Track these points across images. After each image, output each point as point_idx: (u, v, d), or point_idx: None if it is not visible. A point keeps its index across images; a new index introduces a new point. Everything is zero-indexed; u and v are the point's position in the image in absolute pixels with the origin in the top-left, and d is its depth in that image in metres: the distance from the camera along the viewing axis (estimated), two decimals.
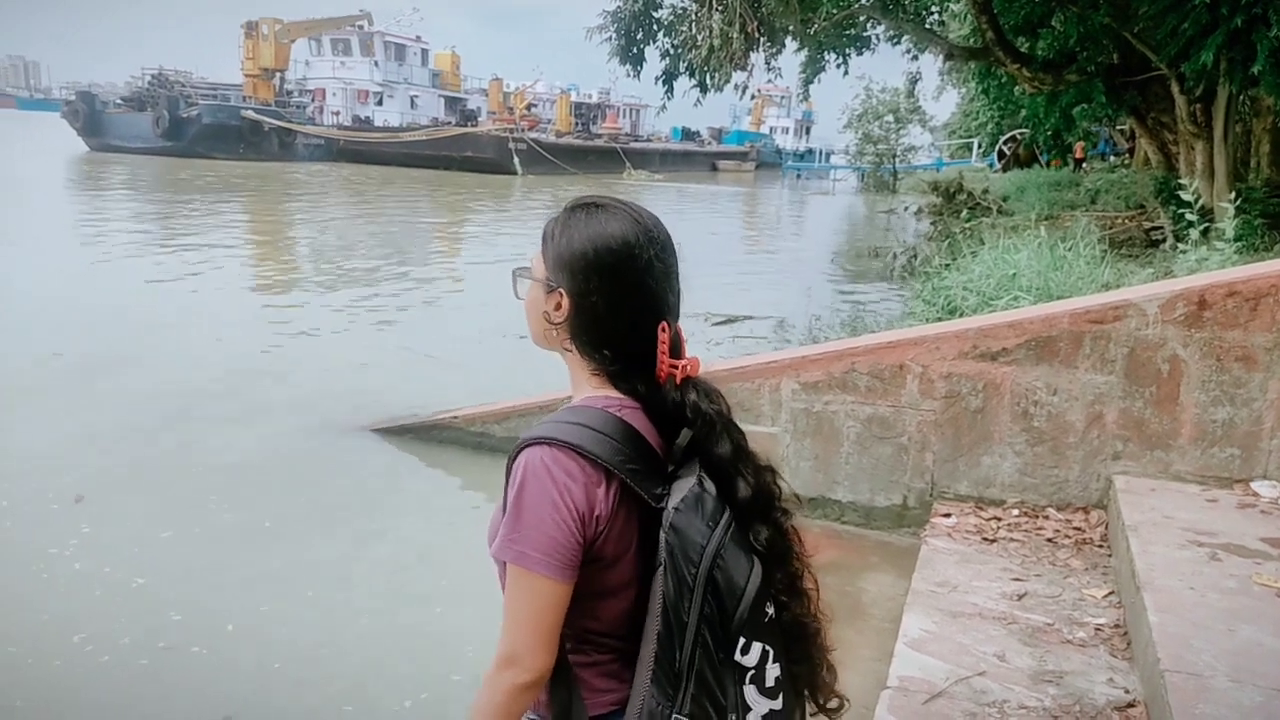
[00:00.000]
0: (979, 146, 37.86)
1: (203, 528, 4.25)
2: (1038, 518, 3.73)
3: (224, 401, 6.16)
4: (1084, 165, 25.74)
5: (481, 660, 1.16)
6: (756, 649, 1.12)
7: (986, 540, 3.55)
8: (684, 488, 1.13)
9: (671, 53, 13.66)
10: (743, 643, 1.11)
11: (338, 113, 45.64)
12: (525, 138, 40.42)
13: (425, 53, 49.67)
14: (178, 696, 3.02)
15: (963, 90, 33.02)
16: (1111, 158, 27.93)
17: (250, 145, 37.78)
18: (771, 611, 1.16)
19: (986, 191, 18.77)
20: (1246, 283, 3.47)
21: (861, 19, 14.68)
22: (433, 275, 12.65)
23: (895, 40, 16.21)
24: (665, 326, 1.17)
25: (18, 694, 2.99)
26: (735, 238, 21.20)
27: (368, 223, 19.34)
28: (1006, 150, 29.60)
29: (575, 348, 1.20)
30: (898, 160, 37.47)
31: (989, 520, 3.72)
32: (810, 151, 65.95)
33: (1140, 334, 3.59)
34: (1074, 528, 3.62)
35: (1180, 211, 7.90)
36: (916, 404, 3.92)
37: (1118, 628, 2.86)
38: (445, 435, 5.32)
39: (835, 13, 13.31)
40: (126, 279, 10.62)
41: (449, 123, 44.78)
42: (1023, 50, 13.46)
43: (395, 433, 5.50)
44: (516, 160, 38.71)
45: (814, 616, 1.24)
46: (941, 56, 16.45)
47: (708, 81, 13.26)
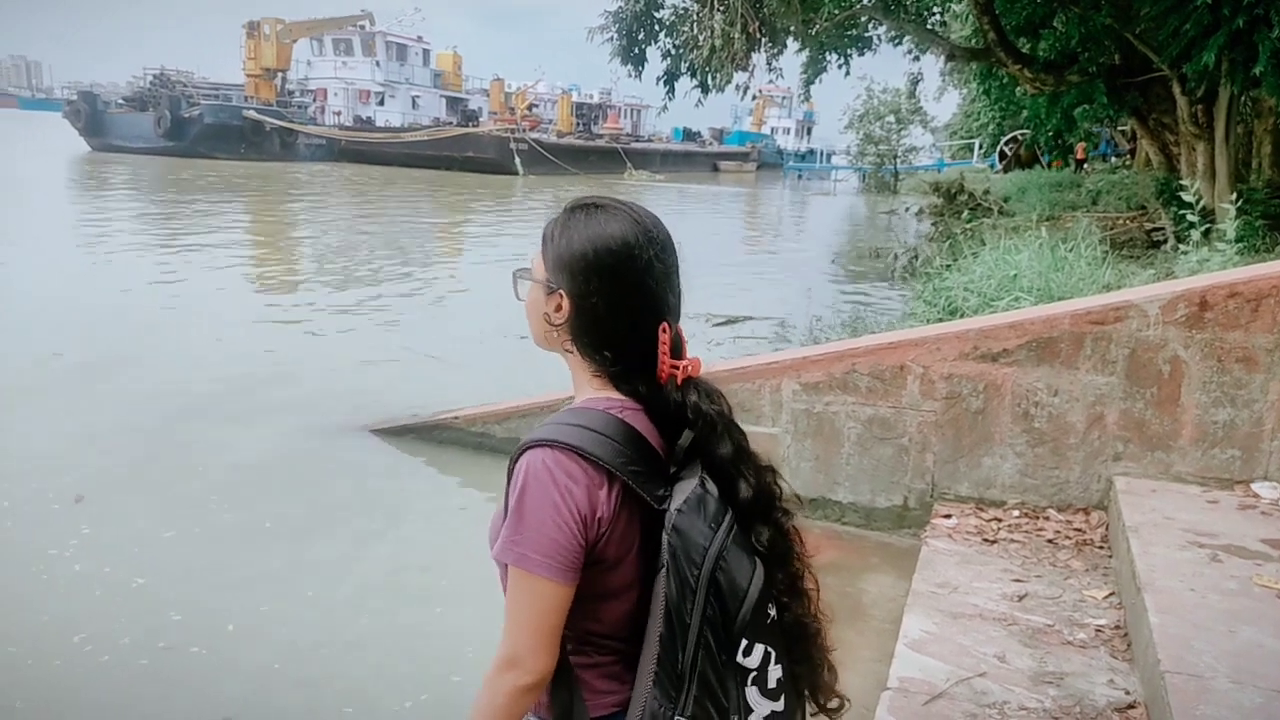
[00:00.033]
0: (980, 147, 37.88)
1: (203, 528, 4.25)
2: (1038, 519, 3.72)
3: (224, 401, 6.16)
4: (1085, 166, 25.78)
5: (482, 661, 1.16)
6: (759, 651, 1.12)
7: (987, 541, 3.55)
8: (686, 489, 1.13)
9: (673, 53, 13.65)
10: (745, 644, 1.11)
11: (339, 113, 45.63)
12: (526, 138, 40.41)
13: (427, 53, 49.66)
14: (178, 696, 3.02)
15: (964, 91, 33.00)
16: (1113, 159, 27.92)
17: (252, 145, 37.79)
18: (773, 613, 1.16)
19: (988, 192, 18.79)
20: (1248, 284, 3.47)
21: (863, 19, 14.67)
22: (434, 275, 12.66)
23: (897, 41, 16.22)
24: (666, 327, 1.16)
25: (18, 694, 2.98)
26: (736, 238, 21.19)
27: (369, 223, 19.34)
28: (1008, 151, 29.63)
29: (576, 349, 1.20)
30: (899, 161, 37.52)
31: (989, 521, 3.72)
32: (811, 152, 66.11)
33: (1141, 335, 3.59)
34: (1074, 529, 3.62)
35: (1181, 212, 7.90)
36: (917, 405, 3.92)
37: (1118, 629, 2.86)
38: (446, 436, 5.31)
39: (837, 13, 13.30)
40: (127, 279, 10.61)
41: (450, 123, 44.74)
42: (1024, 51, 13.44)
43: (396, 433, 5.50)
44: (518, 160, 38.72)
45: (815, 617, 1.24)
46: (943, 57, 16.44)
47: (709, 82, 13.25)
